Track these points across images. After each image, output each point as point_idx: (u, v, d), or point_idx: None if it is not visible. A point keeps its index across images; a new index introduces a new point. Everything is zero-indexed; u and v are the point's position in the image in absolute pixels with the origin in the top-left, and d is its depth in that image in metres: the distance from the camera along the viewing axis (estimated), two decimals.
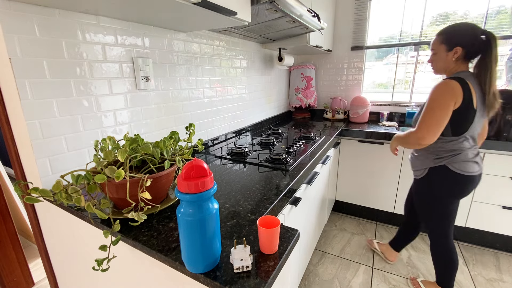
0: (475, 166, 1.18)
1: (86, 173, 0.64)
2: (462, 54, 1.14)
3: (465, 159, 1.17)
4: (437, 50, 1.20)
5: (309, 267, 1.72)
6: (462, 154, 1.17)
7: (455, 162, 1.18)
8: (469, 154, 1.18)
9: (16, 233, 1.52)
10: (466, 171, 1.17)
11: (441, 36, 1.18)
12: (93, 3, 0.78)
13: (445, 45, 1.16)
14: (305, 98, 2.52)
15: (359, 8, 2.29)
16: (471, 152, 1.18)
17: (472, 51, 1.14)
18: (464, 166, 1.17)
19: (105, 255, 0.64)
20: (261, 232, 0.57)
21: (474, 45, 1.12)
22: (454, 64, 1.18)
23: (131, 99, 1.08)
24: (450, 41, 1.15)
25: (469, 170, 1.17)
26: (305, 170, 1.15)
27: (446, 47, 1.16)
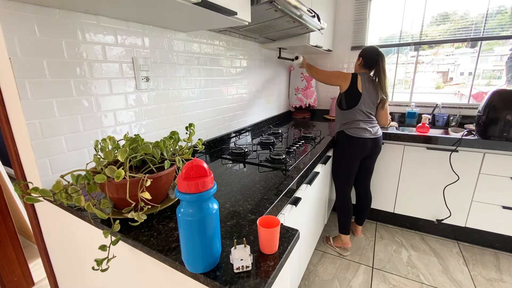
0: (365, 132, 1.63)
1: (86, 173, 0.64)
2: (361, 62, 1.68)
3: (357, 126, 1.64)
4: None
5: (309, 267, 1.72)
6: (355, 122, 1.65)
7: (350, 128, 1.66)
8: (361, 124, 1.64)
9: (16, 233, 1.52)
10: (356, 134, 1.63)
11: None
12: (93, 3, 0.78)
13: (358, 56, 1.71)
14: (305, 98, 2.51)
15: (359, 8, 2.29)
16: (363, 123, 1.64)
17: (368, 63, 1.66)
18: (355, 131, 1.64)
19: (105, 255, 0.64)
20: (261, 232, 0.57)
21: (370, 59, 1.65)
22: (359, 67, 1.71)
23: (131, 99, 1.08)
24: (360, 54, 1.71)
25: (359, 134, 1.63)
26: (305, 170, 1.15)
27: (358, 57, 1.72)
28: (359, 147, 1.66)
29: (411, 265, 1.73)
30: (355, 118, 1.65)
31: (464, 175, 1.78)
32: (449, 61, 2.46)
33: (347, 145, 1.69)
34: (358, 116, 1.65)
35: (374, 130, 1.66)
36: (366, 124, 1.64)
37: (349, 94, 1.64)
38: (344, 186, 1.79)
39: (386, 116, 1.74)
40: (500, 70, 2.15)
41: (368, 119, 1.66)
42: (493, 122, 1.62)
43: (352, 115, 1.66)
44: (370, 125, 1.66)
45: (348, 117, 1.67)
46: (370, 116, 1.67)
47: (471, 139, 1.70)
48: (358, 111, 1.64)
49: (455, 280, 1.61)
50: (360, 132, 1.63)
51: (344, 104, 1.68)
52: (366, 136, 1.63)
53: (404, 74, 2.39)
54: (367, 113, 1.65)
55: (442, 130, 2.14)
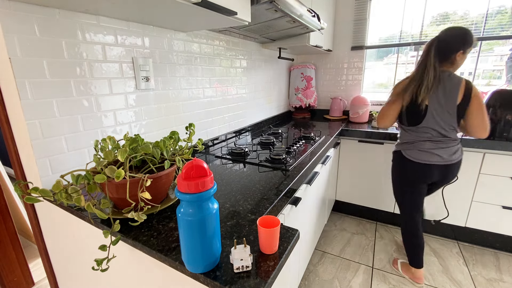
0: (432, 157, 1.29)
1: (86, 173, 0.64)
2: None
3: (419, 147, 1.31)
4: None
5: (309, 267, 1.72)
6: (417, 143, 1.31)
7: (408, 149, 1.34)
8: (426, 144, 1.30)
9: (16, 233, 1.52)
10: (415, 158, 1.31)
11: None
12: (93, 3, 0.78)
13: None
14: (305, 98, 2.51)
15: (359, 8, 2.29)
16: (430, 144, 1.29)
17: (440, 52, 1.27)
18: (415, 154, 1.31)
19: (105, 255, 0.64)
20: (261, 232, 0.57)
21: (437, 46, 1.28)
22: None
23: (131, 99, 1.08)
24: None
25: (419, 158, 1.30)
26: (305, 170, 1.15)
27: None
28: (417, 173, 1.33)
29: None
30: (417, 138, 1.30)
31: (464, 175, 1.78)
32: None
33: (404, 170, 1.37)
34: (423, 135, 1.30)
35: (447, 155, 1.28)
36: (434, 146, 1.28)
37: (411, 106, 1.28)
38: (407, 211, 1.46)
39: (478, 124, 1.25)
40: (500, 70, 2.14)
41: (437, 140, 1.28)
42: (493, 122, 1.62)
43: (413, 134, 1.32)
44: (442, 147, 1.28)
45: (410, 135, 1.33)
46: (442, 135, 1.29)
47: (471, 139, 1.69)
48: (423, 130, 1.28)
49: (455, 280, 1.61)
50: (423, 157, 1.29)
51: (405, 120, 1.32)
52: (432, 161, 1.28)
53: (404, 74, 2.39)
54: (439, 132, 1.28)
55: None
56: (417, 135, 1.31)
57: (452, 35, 1.22)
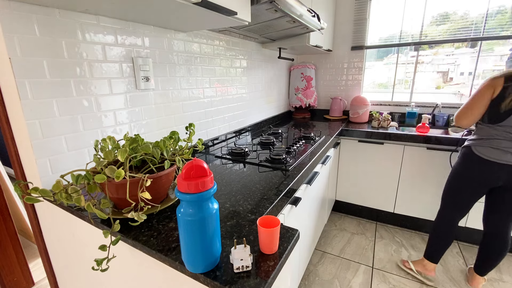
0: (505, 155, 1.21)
1: (86, 173, 0.64)
2: None
3: (492, 145, 1.24)
4: None
5: (309, 267, 1.72)
6: (493, 140, 1.24)
7: (480, 146, 1.27)
8: (502, 143, 1.23)
9: (16, 233, 1.52)
10: (486, 155, 1.24)
11: None
12: (93, 3, 0.78)
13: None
14: (305, 98, 2.52)
15: (359, 8, 2.29)
16: (507, 142, 1.22)
17: None
18: (487, 151, 1.24)
19: (105, 255, 0.64)
20: (261, 232, 0.57)
21: None
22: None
23: (131, 99, 1.08)
24: None
25: (491, 156, 1.23)
26: (305, 170, 1.15)
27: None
28: (486, 173, 1.27)
29: None
30: (494, 135, 1.24)
31: None
32: (449, 61, 2.46)
33: (470, 166, 1.30)
34: (502, 133, 1.23)
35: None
36: (509, 144, 1.22)
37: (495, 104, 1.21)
38: (450, 211, 1.41)
39: None
40: (500, 70, 2.14)
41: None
42: None
43: (490, 130, 1.26)
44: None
45: (484, 132, 1.27)
46: None
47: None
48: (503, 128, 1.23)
49: (455, 280, 1.61)
50: (496, 155, 1.22)
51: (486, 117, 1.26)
52: (504, 161, 1.22)
53: (404, 74, 2.39)
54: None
55: (442, 130, 2.14)
56: (495, 133, 1.24)
57: None
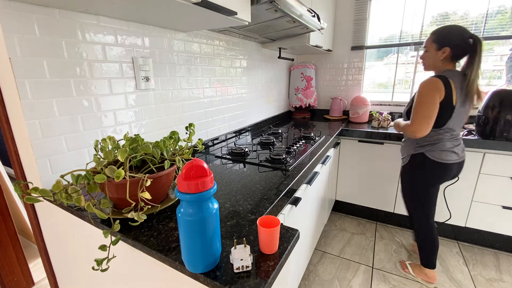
0: (452, 155, 1.31)
1: (86, 173, 0.64)
2: (449, 54, 1.25)
3: (442, 148, 1.31)
4: (428, 48, 1.31)
5: (309, 267, 1.72)
6: (440, 144, 1.31)
7: (432, 151, 1.32)
8: (447, 144, 1.31)
9: (16, 233, 1.52)
10: (441, 159, 1.31)
11: (433, 36, 1.29)
12: (93, 3, 0.78)
13: (436, 44, 1.27)
14: (305, 98, 2.52)
15: (359, 8, 2.29)
16: (450, 143, 1.31)
17: (459, 53, 1.25)
18: (440, 154, 1.31)
19: (105, 255, 0.64)
20: (261, 232, 0.57)
21: (461, 47, 1.23)
22: (441, 62, 1.29)
23: (131, 99, 1.08)
24: (441, 41, 1.26)
25: (444, 158, 1.31)
26: (305, 170, 1.15)
27: (437, 46, 1.27)
28: (441, 174, 1.35)
29: None
30: (441, 139, 1.30)
31: (464, 175, 1.78)
32: None
33: (426, 171, 1.36)
34: (446, 135, 1.30)
35: (460, 151, 1.34)
36: (452, 144, 1.31)
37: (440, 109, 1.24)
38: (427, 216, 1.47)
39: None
40: (500, 70, 2.14)
41: (455, 136, 1.33)
42: (493, 122, 1.62)
43: (438, 135, 1.31)
44: (457, 145, 1.32)
45: (430, 137, 1.32)
46: (458, 134, 1.34)
47: (471, 139, 1.70)
48: (448, 129, 1.29)
49: (455, 280, 1.61)
50: (446, 156, 1.30)
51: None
52: (453, 160, 1.32)
53: (404, 74, 2.39)
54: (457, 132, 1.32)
55: None
56: (441, 136, 1.31)
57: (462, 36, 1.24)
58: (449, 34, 1.24)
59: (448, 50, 1.24)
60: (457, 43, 1.22)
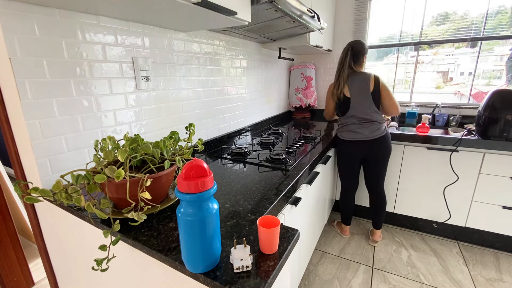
0: (357, 134, 1.68)
1: (86, 173, 0.64)
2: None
3: (348, 129, 1.71)
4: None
5: (309, 267, 1.72)
6: (346, 126, 1.72)
7: (341, 132, 1.76)
8: (351, 126, 1.70)
9: (16, 233, 1.52)
10: (345, 137, 1.73)
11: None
12: (93, 3, 0.78)
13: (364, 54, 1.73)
14: (305, 98, 2.51)
15: (359, 8, 2.29)
16: (354, 125, 1.69)
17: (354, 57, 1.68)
18: (345, 134, 1.72)
19: (105, 255, 0.64)
20: (261, 232, 0.57)
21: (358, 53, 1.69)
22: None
23: (131, 99, 1.08)
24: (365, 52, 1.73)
25: (348, 136, 1.71)
26: (305, 170, 1.15)
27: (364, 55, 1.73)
28: (350, 149, 1.73)
29: (411, 265, 1.73)
30: (347, 123, 1.72)
31: (464, 175, 1.78)
32: (449, 61, 2.46)
33: (340, 148, 1.79)
34: (351, 120, 1.69)
35: (368, 131, 1.66)
36: (359, 126, 1.67)
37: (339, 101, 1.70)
38: (345, 184, 1.89)
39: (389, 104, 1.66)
40: (500, 70, 2.15)
41: (362, 122, 1.67)
42: (493, 122, 1.62)
43: (344, 120, 1.73)
44: (363, 127, 1.67)
45: (342, 122, 1.76)
46: (366, 119, 1.66)
47: (471, 139, 1.70)
48: (350, 116, 1.69)
49: (455, 280, 1.61)
50: (351, 135, 1.69)
51: (338, 111, 1.76)
52: (358, 138, 1.67)
53: (404, 74, 2.39)
54: (361, 117, 1.66)
55: (442, 130, 2.14)
56: (347, 120, 1.71)
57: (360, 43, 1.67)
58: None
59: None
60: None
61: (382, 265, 1.74)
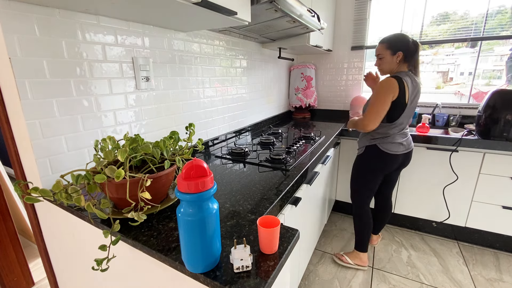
0: (400, 147, 1.48)
1: (86, 173, 0.64)
2: (402, 57, 1.41)
3: (392, 141, 1.47)
4: (383, 54, 1.45)
5: (309, 267, 1.72)
6: (391, 137, 1.48)
7: (384, 143, 1.49)
8: (396, 137, 1.47)
9: (16, 233, 1.52)
10: (390, 150, 1.47)
11: (385, 44, 1.44)
12: (93, 3, 0.78)
13: (390, 50, 1.42)
14: (305, 98, 2.51)
15: (359, 8, 2.29)
16: (399, 136, 1.48)
17: (408, 55, 1.41)
18: (390, 146, 1.47)
19: (105, 255, 0.64)
20: (261, 232, 0.57)
21: (409, 50, 1.39)
22: (396, 65, 1.44)
23: (131, 99, 1.08)
24: (394, 47, 1.41)
25: (393, 149, 1.48)
26: (305, 170, 1.15)
27: (391, 52, 1.42)
28: (390, 163, 1.51)
29: (411, 265, 1.73)
30: (391, 133, 1.46)
31: (464, 175, 1.78)
32: (449, 61, 2.46)
33: (377, 160, 1.52)
34: (395, 130, 1.46)
35: (407, 143, 1.50)
36: (401, 138, 1.48)
37: (394, 106, 1.38)
38: (365, 200, 1.64)
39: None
40: (500, 70, 2.15)
41: (404, 131, 1.50)
42: (493, 122, 1.62)
43: (388, 129, 1.46)
44: (405, 138, 1.50)
45: (384, 131, 1.47)
46: (405, 126, 1.50)
47: (471, 139, 1.70)
48: (398, 124, 1.44)
49: (455, 280, 1.61)
50: (395, 148, 1.47)
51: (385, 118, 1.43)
52: (400, 151, 1.48)
53: None
54: (406, 125, 1.50)
55: (442, 130, 2.14)
56: (393, 130, 1.47)
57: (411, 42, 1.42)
58: (399, 41, 1.40)
59: (401, 54, 1.40)
60: (407, 47, 1.39)
61: (382, 265, 1.74)
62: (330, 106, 2.66)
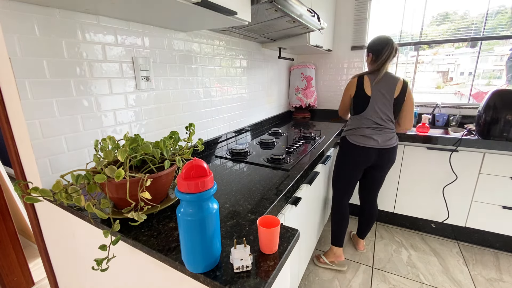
0: (370, 141, 1.51)
1: (86, 173, 0.64)
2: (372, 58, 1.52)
3: (360, 133, 1.53)
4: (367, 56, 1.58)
5: (309, 267, 1.72)
6: (360, 129, 1.53)
7: (352, 135, 1.56)
8: (366, 131, 1.52)
9: (16, 233, 1.52)
10: (357, 142, 1.53)
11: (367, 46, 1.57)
12: (93, 3, 0.78)
13: (367, 52, 1.56)
14: (305, 98, 2.51)
15: (359, 8, 2.29)
16: (370, 130, 1.51)
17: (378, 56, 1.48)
18: (357, 138, 1.53)
19: (105, 255, 0.64)
20: (261, 232, 0.57)
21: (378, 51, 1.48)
22: (370, 65, 1.55)
23: (131, 99, 1.08)
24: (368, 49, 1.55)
25: (360, 141, 1.52)
26: (305, 170, 1.15)
27: (367, 53, 1.56)
28: (359, 156, 1.54)
29: (411, 265, 1.73)
30: (359, 125, 1.53)
31: (464, 175, 1.78)
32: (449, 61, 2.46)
33: (345, 152, 1.60)
34: (365, 122, 1.52)
35: (382, 140, 1.50)
36: (373, 132, 1.50)
37: (356, 98, 1.52)
38: (341, 194, 1.67)
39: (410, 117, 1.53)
40: (500, 70, 2.15)
41: (376, 126, 1.51)
42: (493, 122, 1.62)
43: (357, 121, 1.54)
44: (380, 133, 1.51)
45: (354, 123, 1.56)
46: (381, 123, 1.50)
47: (471, 139, 1.70)
48: (366, 117, 1.51)
49: (455, 280, 1.61)
50: (362, 140, 1.51)
51: (352, 109, 1.59)
52: (370, 145, 1.50)
53: (404, 74, 2.39)
54: (377, 120, 1.50)
55: (442, 130, 2.14)
56: (361, 123, 1.54)
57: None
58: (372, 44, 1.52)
59: (371, 55, 1.52)
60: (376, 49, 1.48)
61: (382, 265, 1.74)
62: (330, 106, 2.66)
